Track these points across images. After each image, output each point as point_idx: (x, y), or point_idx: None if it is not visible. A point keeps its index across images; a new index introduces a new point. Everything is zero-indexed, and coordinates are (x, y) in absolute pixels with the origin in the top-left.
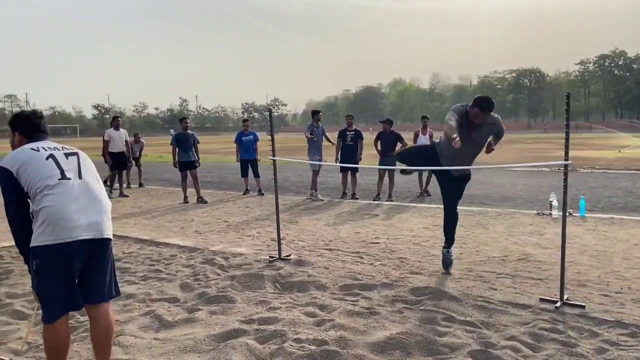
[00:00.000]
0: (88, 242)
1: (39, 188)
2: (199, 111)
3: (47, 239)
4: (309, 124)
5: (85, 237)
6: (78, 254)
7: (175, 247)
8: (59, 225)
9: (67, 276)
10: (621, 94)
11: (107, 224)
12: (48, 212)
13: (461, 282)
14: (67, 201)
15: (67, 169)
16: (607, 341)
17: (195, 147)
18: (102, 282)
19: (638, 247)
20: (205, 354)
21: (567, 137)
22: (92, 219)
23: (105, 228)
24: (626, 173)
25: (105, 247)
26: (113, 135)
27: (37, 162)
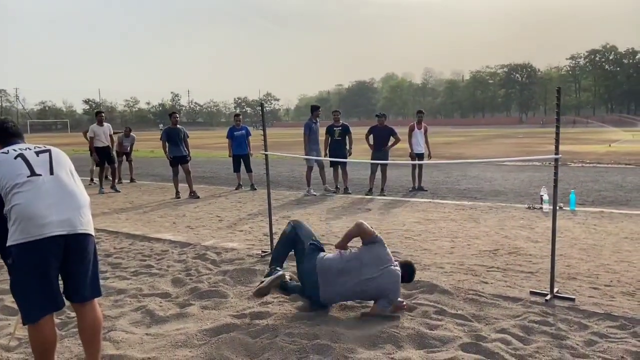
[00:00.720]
0: (62, 238)
1: (8, 187)
2: (191, 106)
3: (19, 237)
4: (308, 120)
5: (58, 233)
6: (52, 251)
7: (167, 242)
8: (30, 223)
9: (42, 275)
10: (611, 89)
11: (83, 219)
12: (18, 211)
13: (452, 275)
14: (36, 198)
15: (37, 166)
16: (596, 333)
17: (185, 141)
18: (83, 281)
19: (627, 240)
20: (197, 348)
21: (557, 132)
22: (64, 215)
23: (80, 223)
24: (616, 167)
25: (83, 243)
26: (97, 131)
27: (6, 163)
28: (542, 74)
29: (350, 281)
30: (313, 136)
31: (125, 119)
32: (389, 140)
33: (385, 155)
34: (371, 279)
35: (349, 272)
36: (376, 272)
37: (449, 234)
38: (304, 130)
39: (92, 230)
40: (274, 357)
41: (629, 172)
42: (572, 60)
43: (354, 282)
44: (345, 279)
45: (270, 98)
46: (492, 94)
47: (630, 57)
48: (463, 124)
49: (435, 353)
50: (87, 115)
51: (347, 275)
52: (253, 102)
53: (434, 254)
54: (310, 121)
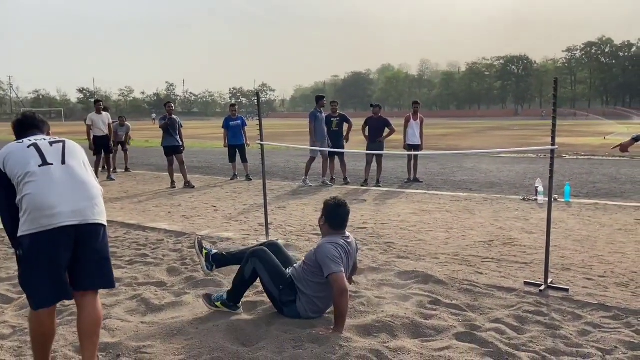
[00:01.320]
0: (73, 228)
1: (20, 176)
2: (186, 96)
3: (30, 227)
4: (313, 109)
5: (69, 223)
6: (62, 241)
7: (162, 231)
8: (40, 213)
9: (52, 265)
10: (607, 82)
11: (95, 209)
12: (29, 200)
13: (447, 266)
14: (47, 187)
15: (49, 155)
16: (590, 324)
17: (179, 131)
18: (90, 269)
19: (621, 232)
20: (192, 337)
21: (554, 123)
22: (76, 205)
23: (92, 213)
24: (610, 160)
25: (95, 233)
26: (95, 120)
27: (19, 152)
28: (538, 66)
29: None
30: (319, 126)
31: (120, 109)
32: (383, 132)
33: (381, 146)
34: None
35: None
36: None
37: (444, 225)
38: (309, 120)
39: (104, 220)
40: (269, 346)
41: (623, 164)
42: (568, 53)
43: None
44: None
45: (266, 89)
46: (488, 86)
47: (625, 50)
48: (459, 115)
49: (430, 342)
50: (81, 105)
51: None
52: (248, 93)
53: (429, 245)
54: (316, 111)
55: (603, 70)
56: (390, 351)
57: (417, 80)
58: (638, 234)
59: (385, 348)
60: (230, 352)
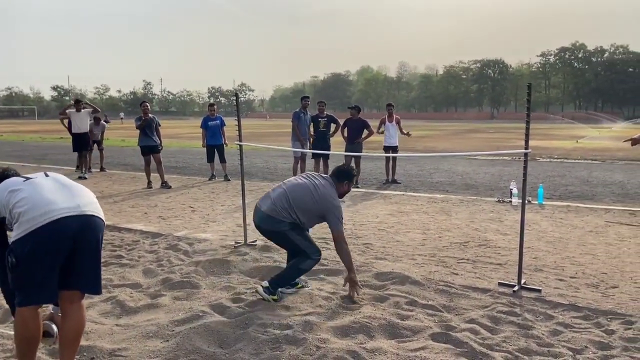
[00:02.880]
0: (73, 220)
1: (8, 200)
2: (164, 95)
3: (27, 227)
4: (296, 110)
5: (69, 214)
6: (62, 234)
7: (138, 232)
8: (36, 212)
9: (49, 260)
10: (580, 86)
11: (93, 206)
12: (23, 203)
13: (424, 267)
14: (40, 189)
15: (32, 175)
16: (561, 323)
17: (157, 130)
18: (86, 271)
19: (592, 233)
20: (169, 339)
21: (527, 127)
22: (73, 202)
23: (91, 209)
24: (582, 163)
25: (95, 224)
26: (74, 117)
27: (3, 185)
28: (513, 70)
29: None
30: (302, 127)
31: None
32: (362, 133)
33: (359, 147)
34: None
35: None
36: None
37: (421, 226)
38: (292, 120)
39: (102, 216)
40: (246, 348)
41: (595, 167)
42: (543, 58)
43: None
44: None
45: (245, 88)
46: (465, 89)
47: (598, 56)
48: (436, 118)
49: (406, 343)
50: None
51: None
52: (227, 92)
53: (406, 246)
54: (300, 111)
55: (576, 75)
56: (367, 352)
57: (395, 83)
58: (608, 235)
59: (362, 349)
60: (207, 354)
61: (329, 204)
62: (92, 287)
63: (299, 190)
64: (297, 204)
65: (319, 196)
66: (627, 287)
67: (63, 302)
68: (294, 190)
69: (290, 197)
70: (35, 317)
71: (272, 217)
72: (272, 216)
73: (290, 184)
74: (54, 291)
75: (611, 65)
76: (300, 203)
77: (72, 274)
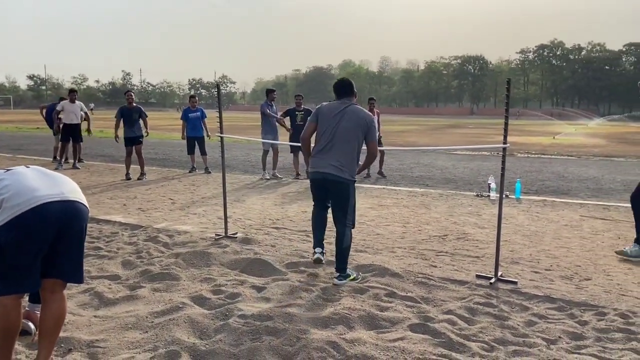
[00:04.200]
0: (58, 205)
1: None
2: (143, 86)
3: (10, 212)
4: (263, 102)
5: (54, 199)
6: (47, 219)
7: (117, 224)
8: (20, 198)
9: (33, 247)
10: (557, 83)
11: (78, 195)
12: (6, 190)
13: (403, 259)
14: (23, 178)
15: (12, 167)
16: (536, 314)
17: (144, 121)
18: (69, 258)
19: (567, 227)
20: (148, 330)
21: (506, 122)
22: (57, 189)
23: (76, 197)
24: (559, 158)
25: (80, 211)
26: (67, 108)
27: None
28: (493, 66)
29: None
30: (269, 122)
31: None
32: None
33: None
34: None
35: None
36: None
37: (401, 219)
38: (262, 112)
39: (86, 204)
40: (226, 339)
41: (571, 163)
42: (522, 55)
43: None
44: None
45: (227, 80)
46: (446, 85)
47: (576, 53)
48: (417, 113)
49: (385, 333)
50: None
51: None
52: (208, 84)
53: (386, 239)
54: (266, 104)
55: (554, 72)
56: (347, 342)
57: (377, 77)
58: (583, 229)
59: (342, 339)
60: (187, 346)
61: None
62: (74, 276)
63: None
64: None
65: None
66: (600, 279)
67: (44, 291)
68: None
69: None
70: (17, 306)
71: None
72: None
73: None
74: (37, 279)
75: (588, 63)
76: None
77: (54, 263)
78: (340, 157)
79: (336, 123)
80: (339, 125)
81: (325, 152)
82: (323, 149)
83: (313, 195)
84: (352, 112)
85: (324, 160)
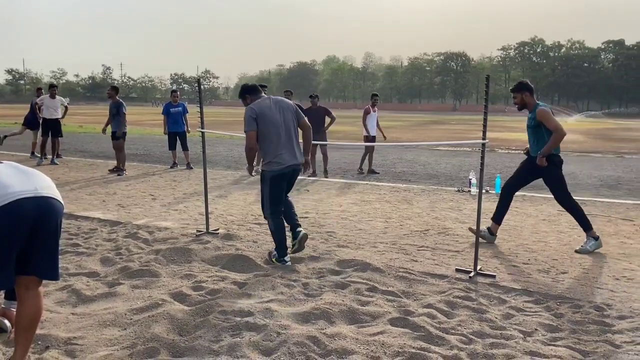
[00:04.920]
0: (32, 201)
1: None
2: (124, 80)
3: None
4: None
5: (27, 195)
6: (21, 216)
7: (96, 220)
8: None
9: (9, 245)
10: (538, 80)
11: (52, 191)
12: None
13: (385, 254)
14: None
15: None
16: (513, 307)
17: (122, 115)
18: (43, 255)
19: (545, 222)
20: (127, 327)
21: (485, 118)
22: (31, 185)
23: (50, 193)
24: None
25: (54, 207)
26: (48, 103)
27: None
28: (475, 63)
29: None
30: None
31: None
32: (324, 121)
33: (323, 136)
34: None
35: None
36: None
37: (383, 214)
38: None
39: (61, 199)
40: (206, 335)
41: None
42: (503, 51)
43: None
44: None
45: (209, 75)
46: (429, 81)
47: (556, 50)
48: (401, 109)
49: (365, 328)
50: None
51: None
52: (190, 79)
53: (369, 234)
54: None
55: (534, 69)
56: (327, 337)
57: (361, 73)
58: (560, 224)
59: (322, 334)
60: (166, 342)
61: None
62: (49, 272)
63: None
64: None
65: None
66: (576, 272)
67: (19, 288)
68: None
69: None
70: None
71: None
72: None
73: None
74: (11, 277)
75: (567, 60)
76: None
77: (29, 259)
78: (297, 146)
79: (279, 118)
80: (282, 118)
81: (285, 145)
82: (281, 144)
83: (276, 198)
84: (282, 102)
85: (288, 154)
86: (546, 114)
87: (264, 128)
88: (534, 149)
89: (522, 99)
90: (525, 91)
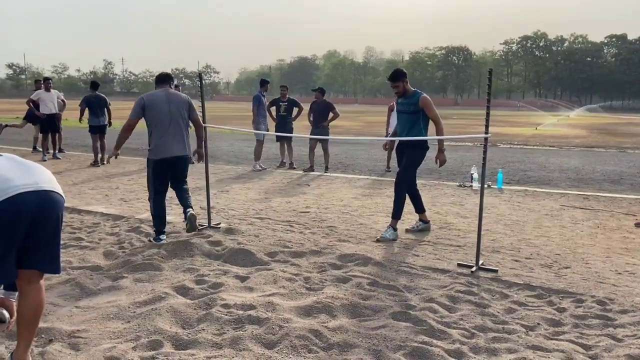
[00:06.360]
0: (33, 195)
1: None
2: (125, 75)
3: None
4: (256, 94)
5: (28, 189)
6: (21, 210)
7: (99, 214)
8: None
9: (9, 239)
10: (540, 74)
11: (53, 184)
12: None
13: (386, 249)
14: None
15: None
16: (516, 302)
17: (108, 109)
18: (44, 248)
19: (547, 217)
20: (130, 320)
21: (487, 112)
22: (32, 179)
23: (51, 186)
24: (541, 149)
25: (55, 201)
26: (43, 97)
27: None
28: (477, 57)
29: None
30: (262, 110)
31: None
32: (327, 116)
33: (325, 131)
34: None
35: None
36: None
37: (384, 209)
38: (253, 103)
39: (62, 193)
40: (209, 328)
41: (552, 153)
42: (506, 46)
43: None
44: None
45: (210, 70)
46: (430, 75)
47: (559, 45)
48: None
49: (367, 322)
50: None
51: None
52: (191, 74)
53: (370, 229)
54: (260, 94)
55: (537, 64)
56: (329, 330)
57: (362, 67)
58: (562, 218)
59: (324, 328)
60: (169, 335)
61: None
62: (51, 266)
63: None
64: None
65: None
66: (578, 267)
67: (21, 282)
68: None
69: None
70: None
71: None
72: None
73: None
74: (13, 270)
75: (570, 55)
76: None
77: (30, 253)
78: (185, 138)
79: (167, 109)
80: (171, 110)
81: (171, 136)
82: (167, 134)
83: (159, 183)
84: (175, 96)
85: (173, 144)
86: (430, 103)
87: (152, 117)
88: (406, 134)
89: (403, 86)
90: (405, 78)
